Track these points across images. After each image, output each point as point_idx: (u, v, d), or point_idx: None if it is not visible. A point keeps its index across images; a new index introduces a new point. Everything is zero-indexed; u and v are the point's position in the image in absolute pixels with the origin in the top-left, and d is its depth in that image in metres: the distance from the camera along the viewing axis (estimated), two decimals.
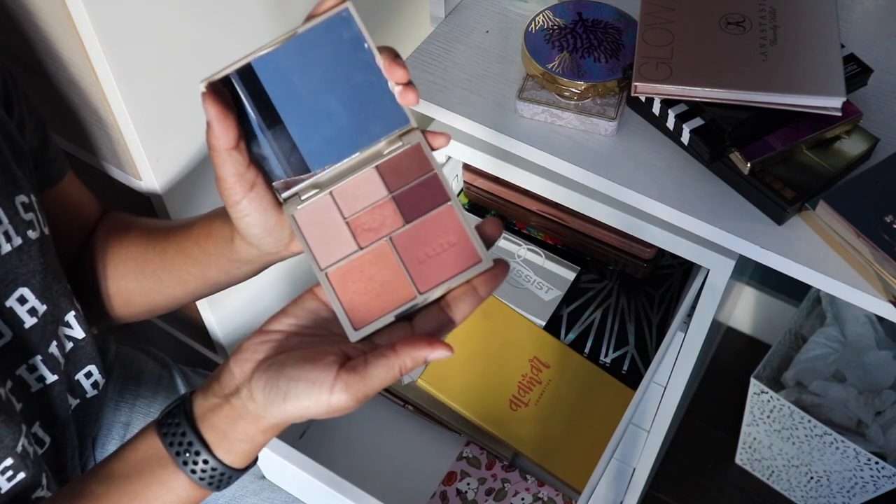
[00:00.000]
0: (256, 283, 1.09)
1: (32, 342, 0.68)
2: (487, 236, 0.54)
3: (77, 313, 0.72)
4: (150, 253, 0.73)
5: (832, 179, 0.83)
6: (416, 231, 0.54)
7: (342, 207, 0.56)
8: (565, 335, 1.10)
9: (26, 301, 0.67)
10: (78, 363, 0.75)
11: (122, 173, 0.89)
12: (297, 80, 0.54)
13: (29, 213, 0.66)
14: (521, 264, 1.14)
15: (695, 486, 1.61)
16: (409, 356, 0.50)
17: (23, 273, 0.66)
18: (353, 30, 0.53)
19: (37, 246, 0.67)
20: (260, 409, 0.52)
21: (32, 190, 0.68)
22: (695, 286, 0.97)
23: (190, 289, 0.72)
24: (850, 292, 0.79)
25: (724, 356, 1.74)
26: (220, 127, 0.52)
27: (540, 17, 0.95)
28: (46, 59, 0.80)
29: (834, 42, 0.84)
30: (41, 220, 0.68)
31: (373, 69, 0.54)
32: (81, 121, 0.85)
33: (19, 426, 0.66)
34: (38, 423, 0.71)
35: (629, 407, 0.90)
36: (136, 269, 0.74)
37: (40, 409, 0.71)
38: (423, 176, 0.55)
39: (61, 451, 0.75)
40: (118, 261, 0.75)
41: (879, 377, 1.43)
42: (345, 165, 0.56)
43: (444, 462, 1.03)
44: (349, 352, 0.52)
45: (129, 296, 0.75)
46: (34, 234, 0.66)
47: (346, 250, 0.55)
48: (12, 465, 0.65)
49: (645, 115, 0.92)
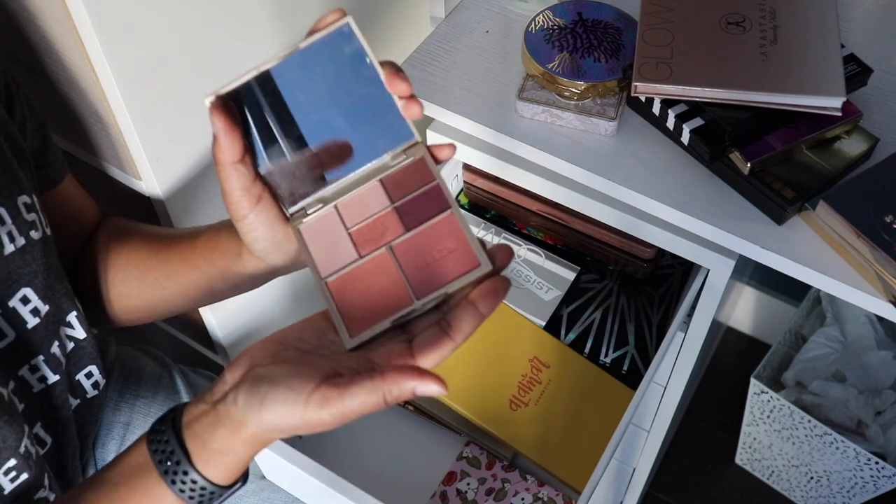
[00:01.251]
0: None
1: (35, 342, 0.68)
2: (496, 260, 0.53)
3: (79, 313, 0.73)
4: (153, 261, 0.73)
5: (832, 179, 0.83)
6: (417, 239, 0.54)
7: (345, 219, 0.56)
8: (565, 335, 1.10)
9: (29, 301, 0.67)
10: (79, 363, 0.75)
11: (123, 174, 0.89)
12: (300, 95, 0.54)
13: (31, 214, 0.66)
14: (521, 264, 1.14)
15: (695, 486, 1.61)
16: (395, 384, 0.48)
17: (25, 273, 0.66)
18: (355, 44, 0.53)
19: (39, 246, 0.67)
20: (240, 413, 0.50)
21: (34, 191, 0.68)
22: (695, 286, 0.97)
23: (192, 297, 0.72)
24: (850, 292, 0.79)
25: (724, 356, 1.74)
26: (227, 140, 0.52)
27: (540, 17, 0.95)
28: (46, 59, 0.80)
29: (834, 42, 0.84)
30: (43, 220, 0.68)
31: (376, 83, 0.54)
32: (81, 121, 0.85)
33: (22, 427, 0.66)
34: (39, 424, 0.71)
35: (629, 407, 0.90)
36: (137, 276, 0.74)
37: (42, 409, 0.71)
38: (425, 186, 0.55)
39: (62, 451, 0.75)
40: (119, 266, 0.75)
41: (879, 377, 1.43)
42: (350, 179, 0.56)
43: (444, 462, 1.03)
44: (340, 369, 0.50)
45: (130, 301, 0.76)
46: (37, 235, 0.67)
47: (346, 259, 0.55)
48: (15, 466, 0.65)
49: (645, 115, 0.92)
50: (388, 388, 0.48)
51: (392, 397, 0.48)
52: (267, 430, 0.51)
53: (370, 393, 0.48)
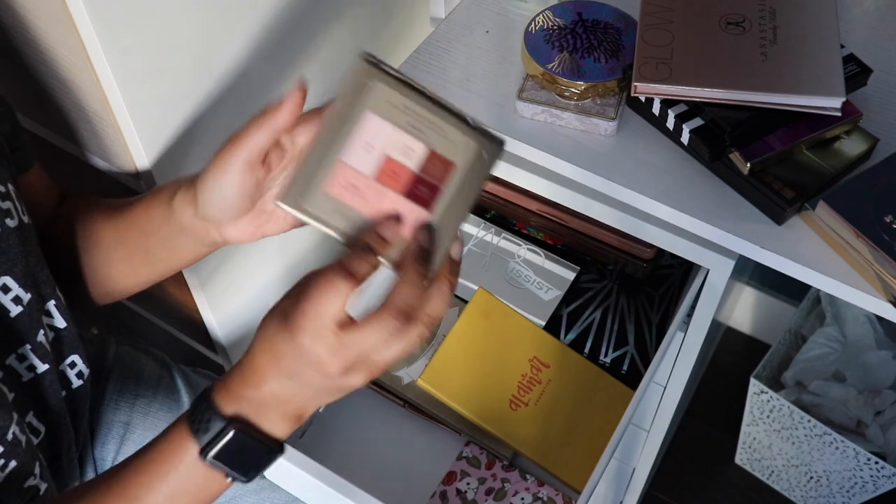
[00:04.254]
0: (256, 282, 1.10)
1: (20, 331, 0.68)
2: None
3: (58, 302, 0.72)
4: (107, 227, 0.75)
5: (832, 179, 0.83)
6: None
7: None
8: (565, 335, 1.10)
9: (10, 290, 0.67)
10: (61, 353, 0.75)
11: (122, 173, 0.89)
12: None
13: (6, 202, 0.66)
14: (521, 264, 1.14)
15: (695, 486, 1.61)
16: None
17: (3, 262, 0.66)
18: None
19: (16, 234, 0.67)
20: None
21: (10, 179, 0.68)
22: (694, 286, 0.97)
23: (136, 263, 0.74)
24: (850, 292, 0.79)
25: (724, 356, 1.74)
26: (292, 103, 0.58)
27: (540, 18, 0.95)
28: (46, 59, 0.80)
29: (834, 42, 0.84)
30: (19, 208, 0.68)
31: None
32: (80, 120, 0.85)
33: (10, 415, 0.66)
34: (31, 413, 0.71)
35: (629, 407, 0.90)
36: (97, 245, 0.75)
37: (33, 398, 0.71)
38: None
39: (56, 441, 0.75)
40: (82, 238, 0.76)
41: (879, 377, 1.43)
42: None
43: (444, 462, 1.03)
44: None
45: (97, 273, 0.77)
46: (12, 223, 0.66)
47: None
48: (2, 454, 0.65)
49: (645, 115, 0.92)
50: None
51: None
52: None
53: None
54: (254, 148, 0.59)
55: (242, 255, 1.04)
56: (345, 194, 0.56)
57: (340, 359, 0.53)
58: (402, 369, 1.05)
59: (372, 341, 0.53)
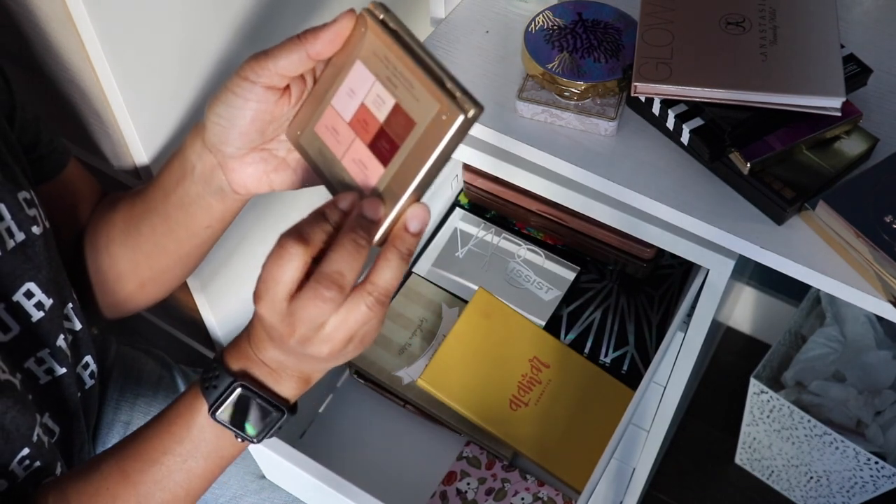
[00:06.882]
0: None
1: (40, 336, 0.69)
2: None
3: (74, 305, 0.73)
4: (116, 219, 0.74)
5: (832, 179, 0.83)
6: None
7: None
8: (565, 335, 1.10)
9: (33, 295, 0.67)
10: (79, 355, 0.75)
11: (124, 174, 0.89)
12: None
13: (32, 209, 0.67)
14: (521, 264, 1.15)
15: (695, 486, 1.61)
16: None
17: (29, 268, 0.66)
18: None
19: (41, 241, 0.67)
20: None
21: (32, 186, 0.68)
22: (694, 286, 0.97)
23: (146, 250, 0.72)
24: (850, 292, 0.79)
25: (724, 356, 1.74)
26: (334, 32, 0.55)
27: (540, 18, 0.95)
28: (46, 59, 0.80)
29: (834, 42, 0.84)
30: (42, 215, 0.68)
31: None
32: (81, 120, 0.85)
33: (34, 416, 0.66)
34: (47, 414, 0.71)
35: (629, 407, 0.90)
36: (114, 238, 0.74)
37: (50, 400, 0.72)
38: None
39: (70, 441, 0.75)
40: (102, 234, 0.75)
41: (879, 377, 1.43)
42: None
43: (444, 462, 1.03)
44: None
45: (119, 270, 0.75)
46: (38, 230, 0.67)
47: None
48: (29, 455, 0.65)
49: (645, 115, 0.92)
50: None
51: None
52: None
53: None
54: (281, 73, 0.55)
55: (243, 256, 1.04)
56: (328, 135, 0.57)
57: (292, 328, 0.51)
58: (403, 369, 1.05)
59: (312, 311, 0.50)
